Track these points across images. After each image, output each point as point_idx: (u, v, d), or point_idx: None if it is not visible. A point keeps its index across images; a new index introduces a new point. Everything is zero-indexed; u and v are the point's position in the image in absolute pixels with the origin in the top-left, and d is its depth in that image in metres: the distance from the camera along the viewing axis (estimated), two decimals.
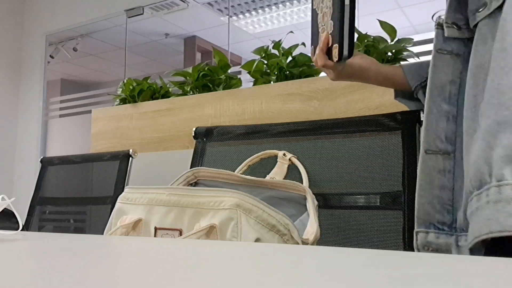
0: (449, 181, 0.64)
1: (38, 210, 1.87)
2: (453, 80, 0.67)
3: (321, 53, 0.82)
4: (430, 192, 0.64)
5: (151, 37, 4.06)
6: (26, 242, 0.44)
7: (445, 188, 0.64)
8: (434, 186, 0.64)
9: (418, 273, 0.25)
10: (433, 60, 0.68)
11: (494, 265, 0.29)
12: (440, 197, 0.64)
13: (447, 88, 0.66)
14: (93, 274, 0.24)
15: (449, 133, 0.65)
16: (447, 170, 0.64)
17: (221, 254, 0.33)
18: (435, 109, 0.66)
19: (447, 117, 0.66)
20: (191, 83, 1.89)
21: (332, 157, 1.04)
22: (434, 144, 0.65)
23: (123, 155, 1.69)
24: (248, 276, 0.24)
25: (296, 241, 0.66)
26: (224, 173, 0.86)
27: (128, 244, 0.45)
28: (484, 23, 0.64)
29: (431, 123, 0.66)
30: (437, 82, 0.67)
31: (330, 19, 0.80)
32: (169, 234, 0.67)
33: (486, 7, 0.63)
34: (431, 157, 0.65)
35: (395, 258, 0.32)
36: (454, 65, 0.67)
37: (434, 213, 0.64)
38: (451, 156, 0.64)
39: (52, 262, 0.30)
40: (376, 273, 0.24)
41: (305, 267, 0.27)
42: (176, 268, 0.26)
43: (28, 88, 4.07)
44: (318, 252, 0.37)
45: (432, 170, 0.64)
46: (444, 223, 0.64)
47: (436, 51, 0.68)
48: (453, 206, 0.63)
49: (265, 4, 3.69)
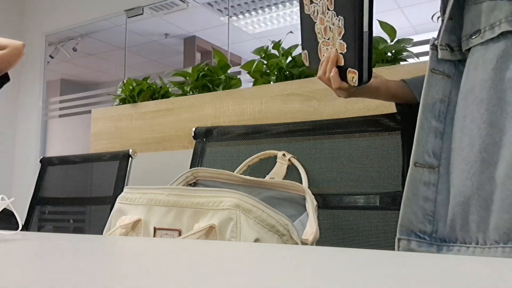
0: (432, 194, 0.68)
1: (38, 210, 1.87)
2: (442, 99, 0.71)
3: (335, 75, 0.84)
4: (415, 203, 0.68)
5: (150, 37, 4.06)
6: (26, 242, 0.44)
7: (428, 200, 0.68)
8: (419, 197, 0.68)
9: (418, 273, 0.25)
10: (427, 79, 0.71)
11: (494, 265, 0.29)
12: (423, 208, 0.68)
13: (437, 106, 0.71)
14: (92, 274, 0.24)
15: (436, 148, 0.69)
16: (431, 183, 0.68)
17: (221, 254, 0.33)
18: (425, 124, 0.70)
19: (435, 133, 0.70)
20: (191, 83, 1.89)
21: (332, 158, 1.04)
22: (422, 157, 0.69)
23: (123, 155, 1.69)
24: (248, 276, 0.24)
25: (296, 242, 0.66)
26: (224, 174, 0.86)
27: (127, 244, 0.45)
28: (477, 49, 0.68)
29: (421, 137, 0.69)
30: (429, 100, 0.71)
31: (341, 39, 0.81)
32: (169, 234, 0.67)
33: (480, 35, 0.68)
34: (418, 170, 0.69)
35: (394, 258, 0.32)
36: (444, 85, 0.71)
37: (416, 222, 0.68)
38: (436, 170, 0.69)
39: (51, 262, 0.30)
40: (376, 273, 0.25)
41: (304, 267, 0.27)
42: (176, 268, 0.26)
43: (28, 88, 4.07)
44: (317, 252, 0.37)
45: (418, 182, 0.68)
46: (425, 232, 0.68)
47: (430, 70, 0.72)
48: (434, 217, 0.68)
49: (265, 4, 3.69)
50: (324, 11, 0.83)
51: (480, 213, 0.63)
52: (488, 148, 0.63)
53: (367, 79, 0.80)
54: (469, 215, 0.64)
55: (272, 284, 0.21)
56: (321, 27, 0.86)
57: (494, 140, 0.63)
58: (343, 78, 0.84)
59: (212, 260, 0.30)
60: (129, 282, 0.22)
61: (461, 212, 0.65)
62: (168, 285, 0.21)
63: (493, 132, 0.63)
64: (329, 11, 0.82)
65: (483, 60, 0.67)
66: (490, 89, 0.65)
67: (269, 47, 1.68)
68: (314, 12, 0.87)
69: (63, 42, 4.13)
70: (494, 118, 0.64)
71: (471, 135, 0.66)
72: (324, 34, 0.85)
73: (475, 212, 0.63)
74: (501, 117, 0.63)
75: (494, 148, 0.63)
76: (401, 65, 1.44)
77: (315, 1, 0.86)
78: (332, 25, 0.82)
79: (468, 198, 0.64)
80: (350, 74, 0.81)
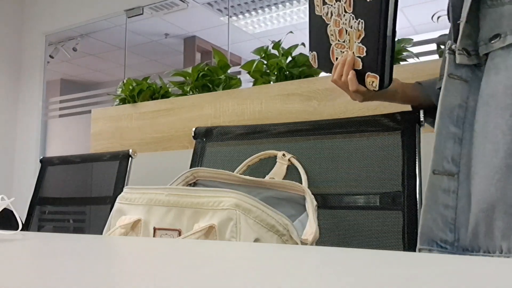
0: (452, 201, 0.67)
1: (38, 210, 1.87)
2: (461, 104, 0.70)
3: (353, 77, 0.83)
4: (434, 210, 0.67)
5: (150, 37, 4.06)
6: (26, 242, 0.44)
7: (449, 207, 0.67)
8: (439, 205, 0.67)
9: (418, 273, 0.25)
10: (445, 84, 0.71)
11: (494, 265, 0.29)
12: (444, 216, 0.67)
13: (455, 111, 0.70)
14: (92, 274, 0.24)
15: (455, 154, 0.69)
16: (451, 190, 0.67)
17: (220, 255, 0.33)
18: (444, 130, 0.69)
19: (454, 139, 0.69)
20: (191, 83, 1.89)
21: (332, 158, 1.04)
22: (441, 164, 0.68)
23: (123, 155, 1.69)
24: (247, 276, 0.24)
25: (295, 241, 0.66)
26: (223, 173, 0.86)
27: (127, 244, 0.45)
28: (497, 54, 0.67)
29: (439, 144, 0.69)
30: (447, 105, 0.70)
31: (359, 43, 0.80)
32: (168, 234, 0.67)
33: (501, 39, 0.66)
34: (437, 177, 0.68)
35: (394, 258, 0.32)
36: (462, 90, 0.70)
37: (437, 230, 0.67)
38: (455, 177, 0.68)
39: (51, 262, 0.30)
40: (375, 273, 0.25)
41: (304, 267, 0.27)
42: (175, 268, 0.26)
43: (28, 88, 4.07)
44: (317, 252, 0.37)
45: (438, 189, 0.67)
46: (446, 241, 0.67)
47: (448, 76, 0.71)
48: (455, 225, 0.67)
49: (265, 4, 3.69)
50: (340, 13, 0.82)
51: (505, 219, 0.62)
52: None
53: (388, 84, 0.79)
54: (494, 222, 0.63)
55: (272, 284, 0.21)
56: (335, 29, 0.84)
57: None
58: (360, 82, 0.83)
59: (211, 260, 0.30)
60: (129, 282, 0.22)
61: (485, 219, 0.64)
62: (168, 285, 0.21)
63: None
64: (346, 14, 0.80)
65: (505, 65, 0.66)
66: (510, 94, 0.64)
67: (269, 47, 1.68)
68: (327, 13, 0.85)
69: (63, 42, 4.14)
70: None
71: (495, 141, 0.65)
72: (338, 36, 0.84)
73: (500, 219, 0.62)
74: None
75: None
76: (401, 65, 1.44)
77: (329, 2, 0.84)
78: (350, 28, 0.81)
79: (492, 205, 0.63)
80: (370, 79, 0.81)
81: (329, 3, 0.84)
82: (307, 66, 1.61)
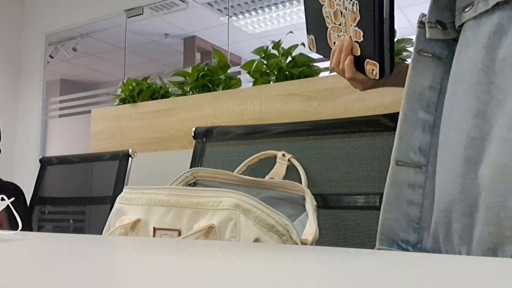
0: (418, 197, 0.58)
1: (38, 210, 1.87)
2: (432, 86, 0.60)
3: (350, 63, 0.76)
4: (397, 207, 0.58)
5: (150, 37, 4.06)
6: (25, 242, 0.44)
7: (414, 204, 0.58)
8: (402, 201, 0.58)
9: (417, 273, 0.25)
10: (412, 63, 0.61)
11: (493, 265, 0.29)
12: (407, 214, 0.58)
13: (426, 94, 0.60)
14: (91, 275, 0.24)
15: (424, 144, 0.59)
16: (417, 185, 0.58)
17: (220, 255, 0.33)
18: (411, 116, 0.60)
19: (423, 126, 0.60)
20: (191, 83, 1.89)
21: (332, 158, 1.04)
22: (407, 155, 0.59)
23: (123, 155, 1.69)
24: (247, 276, 0.24)
25: (295, 242, 0.66)
26: (223, 174, 0.86)
27: (127, 244, 0.45)
28: (469, 25, 0.57)
29: (405, 132, 0.59)
30: (416, 87, 0.60)
31: (355, 26, 0.72)
32: (168, 235, 0.67)
33: (473, 8, 0.56)
34: (402, 169, 0.59)
35: (394, 258, 0.32)
36: (434, 69, 0.61)
37: (399, 230, 0.58)
38: (423, 169, 0.59)
39: (51, 262, 0.30)
40: (375, 273, 0.25)
41: (304, 267, 0.27)
42: (175, 268, 0.26)
43: (28, 88, 4.07)
44: (317, 252, 0.37)
45: (402, 183, 0.58)
46: (409, 242, 0.58)
47: (417, 53, 0.61)
48: (420, 225, 0.58)
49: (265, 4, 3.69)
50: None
51: (463, 221, 0.53)
52: (473, 144, 0.53)
53: (389, 72, 0.72)
54: (452, 224, 0.54)
55: (271, 284, 0.21)
56: (330, 10, 0.76)
57: (482, 133, 0.52)
58: (359, 69, 0.76)
59: (211, 260, 0.30)
60: (129, 282, 0.22)
61: (443, 220, 0.55)
62: (167, 285, 0.21)
63: (481, 124, 0.53)
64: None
65: (474, 37, 0.56)
66: (480, 72, 0.54)
67: (269, 47, 1.68)
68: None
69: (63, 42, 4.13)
70: (483, 107, 0.53)
71: (458, 127, 0.55)
72: (334, 18, 0.76)
73: (457, 221, 0.53)
74: (490, 106, 0.52)
75: (481, 143, 0.52)
76: None
77: None
78: (344, 10, 0.73)
79: (451, 204, 0.54)
80: (369, 66, 0.73)
81: None
82: (307, 66, 1.61)
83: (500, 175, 0.49)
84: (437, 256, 0.35)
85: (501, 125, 0.50)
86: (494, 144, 0.50)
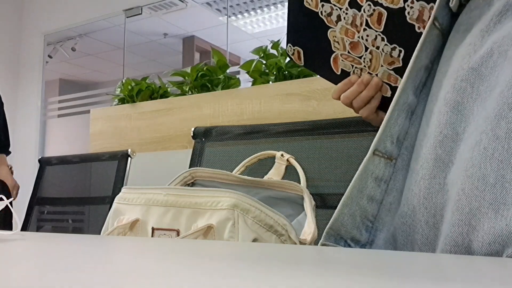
0: (380, 193, 0.50)
1: (37, 210, 1.87)
2: (427, 66, 0.52)
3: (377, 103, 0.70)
4: (356, 203, 0.50)
5: (149, 37, 4.06)
6: (24, 242, 0.44)
7: (373, 201, 0.50)
8: (363, 196, 0.50)
9: (417, 273, 0.25)
10: (424, 33, 0.52)
11: (493, 265, 0.29)
12: (365, 210, 0.50)
13: (421, 74, 0.52)
14: (90, 275, 0.24)
15: (402, 133, 0.51)
16: (383, 180, 0.50)
17: (219, 255, 0.33)
18: (402, 98, 0.51)
19: (407, 112, 0.51)
20: (190, 83, 1.88)
21: (331, 158, 1.04)
22: (384, 144, 0.50)
23: (122, 155, 1.69)
24: (246, 276, 0.24)
25: (294, 241, 0.66)
26: (221, 173, 0.86)
27: (125, 244, 0.45)
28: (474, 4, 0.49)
29: (392, 116, 0.51)
30: (416, 65, 0.51)
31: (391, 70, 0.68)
32: (167, 235, 0.67)
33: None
34: (375, 159, 0.50)
35: (393, 258, 0.32)
36: (437, 44, 0.52)
37: (351, 227, 0.50)
38: (392, 162, 0.51)
39: (50, 262, 0.30)
40: (375, 273, 0.24)
41: (303, 267, 0.27)
42: (174, 268, 0.26)
43: (27, 88, 4.07)
44: (316, 252, 0.37)
45: (369, 176, 0.50)
46: (358, 242, 0.50)
47: (432, 22, 0.51)
48: (373, 224, 0.50)
49: (264, 4, 3.70)
50: (357, 24, 0.67)
51: (425, 233, 0.44)
52: (445, 143, 0.44)
53: None
54: (413, 233, 0.45)
55: (270, 284, 0.21)
56: (347, 39, 0.70)
57: (456, 130, 0.44)
58: (382, 108, 0.72)
59: (210, 260, 0.30)
60: (127, 282, 0.22)
61: (402, 227, 0.47)
62: (166, 285, 0.21)
63: (456, 119, 0.44)
64: (369, 29, 0.66)
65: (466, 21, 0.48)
66: (466, 56, 0.45)
67: (268, 47, 1.68)
68: (329, 14, 0.69)
69: (61, 42, 4.13)
70: (460, 98, 0.44)
71: (433, 121, 0.47)
72: (350, 48, 0.70)
73: (419, 231, 0.44)
74: (469, 98, 0.43)
75: (453, 143, 0.43)
76: None
77: (335, 4, 0.68)
78: (373, 47, 0.67)
79: (414, 210, 0.45)
80: None
81: (335, 4, 0.68)
82: None
83: (471, 190, 0.39)
84: (437, 256, 0.35)
85: (479, 126, 0.41)
86: (468, 148, 0.41)
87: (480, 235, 0.37)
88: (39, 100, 3.99)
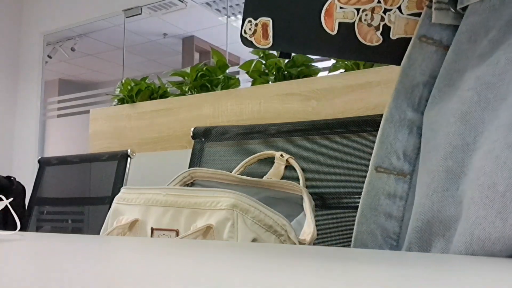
0: (398, 210, 0.49)
1: (36, 210, 1.87)
2: (428, 82, 0.50)
3: None
4: (373, 220, 0.50)
5: (149, 37, 4.06)
6: (24, 243, 0.44)
7: (392, 218, 0.49)
8: (379, 213, 0.49)
9: (417, 273, 0.25)
10: (410, 51, 0.50)
11: (492, 265, 0.29)
12: (385, 228, 0.49)
13: (419, 90, 0.50)
14: (89, 275, 0.24)
15: (410, 148, 0.50)
16: (398, 196, 0.49)
17: (218, 255, 0.33)
18: (397, 115, 0.50)
19: (411, 128, 0.50)
20: (189, 83, 1.88)
21: (330, 158, 1.04)
22: (388, 160, 0.50)
23: (121, 155, 1.69)
24: (245, 276, 0.23)
25: (293, 242, 0.66)
26: (221, 174, 0.86)
27: (125, 244, 0.45)
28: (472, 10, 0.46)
29: (389, 133, 0.50)
30: (409, 82, 0.50)
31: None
32: (166, 235, 0.67)
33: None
34: (382, 176, 0.49)
35: (393, 258, 0.32)
36: (437, 60, 0.49)
37: (373, 246, 0.49)
38: (407, 178, 0.49)
39: (49, 262, 0.30)
40: (374, 273, 0.24)
41: (302, 268, 0.27)
42: (173, 268, 0.26)
43: (26, 88, 4.07)
44: (315, 253, 0.37)
45: (380, 193, 0.49)
46: None
47: (418, 39, 0.50)
48: (398, 242, 0.49)
49: None
50: None
51: (440, 246, 0.43)
52: (455, 154, 0.43)
53: None
54: (429, 247, 0.45)
55: (270, 284, 0.21)
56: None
57: (465, 140, 0.42)
58: None
59: (209, 260, 0.30)
60: (127, 283, 0.22)
61: (417, 242, 0.45)
62: (166, 286, 0.21)
63: (464, 129, 0.42)
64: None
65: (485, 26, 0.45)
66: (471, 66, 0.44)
67: None
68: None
69: (61, 42, 4.13)
70: (467, 107, 0.43)
71: (440, 133, 0.45)
72: None
73: (435, 244, 0.44)
74: (477, 106, 0.42)
75: (463, 153, 0.42)
76: None
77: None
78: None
79: (428, 224, 0.44)
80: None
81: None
82: (305, 66, 1.61)
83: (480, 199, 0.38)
84: (437, 256, 0.35)
85: (491, 134, 0.40)
86: (480, 157, 0.40)
87: (487, 245, 0.36)
88: (39, 100, 3.99)
